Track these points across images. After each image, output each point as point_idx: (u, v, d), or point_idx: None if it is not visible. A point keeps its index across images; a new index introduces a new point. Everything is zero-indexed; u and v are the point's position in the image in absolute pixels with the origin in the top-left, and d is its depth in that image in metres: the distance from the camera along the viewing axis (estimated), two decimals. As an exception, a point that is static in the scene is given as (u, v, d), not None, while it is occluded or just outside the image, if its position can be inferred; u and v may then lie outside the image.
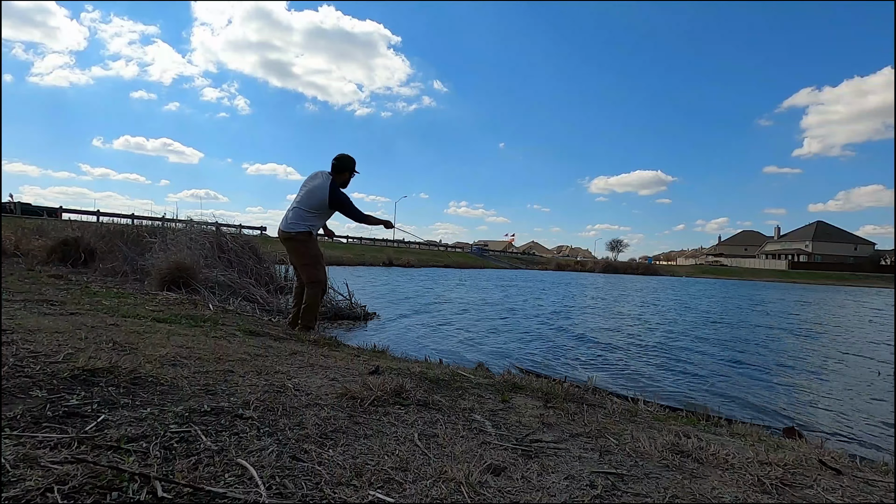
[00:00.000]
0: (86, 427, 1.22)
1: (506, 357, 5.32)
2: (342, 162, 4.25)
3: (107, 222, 10.59)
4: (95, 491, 0.93)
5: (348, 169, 4.28)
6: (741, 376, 5.06)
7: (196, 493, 0.99)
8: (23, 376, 1.51)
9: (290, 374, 2.17)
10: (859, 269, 62.85)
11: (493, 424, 1.84)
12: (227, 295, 5.94)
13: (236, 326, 3.55)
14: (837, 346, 7.69)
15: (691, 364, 5.57)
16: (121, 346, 2.13)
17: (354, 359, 2.93)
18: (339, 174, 4.24)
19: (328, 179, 4.14)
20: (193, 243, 6.83)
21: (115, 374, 1.66)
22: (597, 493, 1.30)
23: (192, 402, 1.55)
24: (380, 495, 1.11)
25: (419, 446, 1.48)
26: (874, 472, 1.78)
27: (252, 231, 23.20)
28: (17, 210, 23.46)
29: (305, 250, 4.19)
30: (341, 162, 4.24)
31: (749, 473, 1.56)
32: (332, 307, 6.84)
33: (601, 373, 4.86)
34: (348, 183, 4.34)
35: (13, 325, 2.22)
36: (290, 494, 1.06)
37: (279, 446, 1.31)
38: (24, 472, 0.95)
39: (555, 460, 1.53)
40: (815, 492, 1.48)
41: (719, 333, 8.43)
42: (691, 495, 1.35)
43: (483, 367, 3.96)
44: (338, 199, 4.14)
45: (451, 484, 1.22)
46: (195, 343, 2.54)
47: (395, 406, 1.88)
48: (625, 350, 6.27)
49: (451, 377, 2.63)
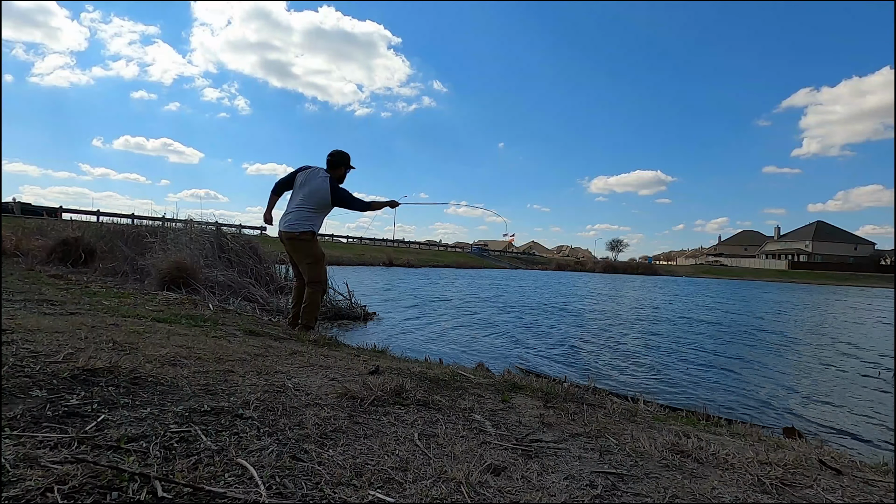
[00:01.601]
0: (86, 427, 1.22)
1: (506, 357, 5.33)
2: (337, 158, 4.26)
3: (107, 222, 10.60)
4: (95, 491, 0.93)
5: (344, 164, 4.30)
6: (741, 376, 5.06)
7: (196, 493, 0.99)
8: (23, 376, 1.51)
9: (290, 374, 2.17)
10: (859, 269, 62.82)
11: (493, 424, 1.84)
12: (227, 295, 5.94)
13: (236, 326, 3.55)
14: (837, 346, 7.69)
15: (691, 364, 5.57)
16: (121, 346, 2.13)
17: (354, 359, 2.93)
18: (335, 170, 4.25)
19: (327, 178, 4.15)
20: (193, 243, 6.83)
21: (115, 374, 1.66)
22: (597, 493, 1.30)
23: (192, 401, 1.55)
24: (380, 495, 1.11)
25: (419, 446, 1.48)
26: (874, 472, 1.78)
27: (252, 231, 23.09)
28: (17, 210, 23.46)
29: (309, 250, 4.20)
30: (336, 158, 4.26)
31: (749, 473, 1.56)
32: (332, 307, 6.85)
33: (601, 373, 4.86)
34: (344, 178, 4.35)
35: (13, 325, 2.22)
36: (290, 494, 1.06)
37: (279, 446, 1.31)
38: (24, 472, 0.95)
39: (555, 460, 1.53)
40: (815, 492, 1.48)
41: (719, 333, 8.43)
42: (691, 495, 1.35)
43: (483, 367, 3.97)
44: (340, 196, 4.17)
45: (451, 484, 1.22)
46: (195, 343, 2.54)
47: (395, 406, 1.88)
48: (625, 350, 6.27)
49: (451, 377, 2.63)
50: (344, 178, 4.35)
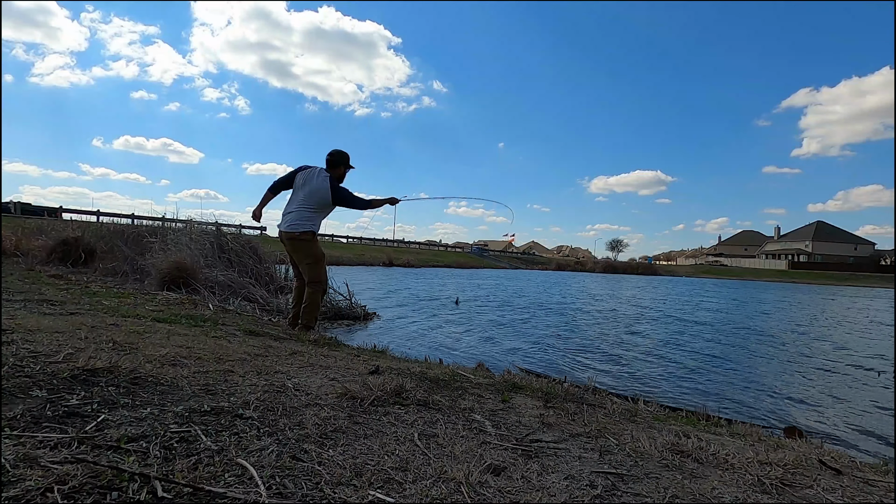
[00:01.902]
0: (86, 427, 1.22)
1: (506, 357, 5.32)
2: (336, 157, 4.27)
3: (107, 222, 10.60)
4: (95, 491, 0.93)
5: (343, 164, 4.30)
6: (741, 376, 5.05)
7: (196, 493, 0.99)
8: (23, 376, 1.51)
9: (290, 374, 2.17)
10: (859, 269, 62.82)
11: (493, 424, 1.84)
12: (227, 295, 5.94)
13: (236, 326, 3.55)
14: (837, 346, 7.69)
15: (691, 364, 5.57)
16: (121, 346, 2.13)
17: (354, 359, 2.93)
18: (334, 170, 4.26)
19: (327, 178, 4.15)
20: (193, 243, 6.83)
21: (115, 374, 1.66)
22: (597, 493, 1.30)
23: (192, 402, 1.55)
24: (380, 495, 1.11)
25: (419, 446, 1.48)
26: (874, 472, 1.78)
27: (252, 231, 23.10)
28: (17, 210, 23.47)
29: (309, 250, 4.20)
30: (336, 157, 4.26)
31: (749, 473, 1.56)
32: (332, 307, 6.84)
33: (601, 373, 4.86)
34: (344, 178, 4.36)
35: (13, 325, 2.22)
36: (290, 494, 1.06)
37: (279, 446, 1.31)
38: (24, 472, 0.95)
39: (555, 460, 1.53)
40: (815, 492, 1.48)
41: (719, 334, 8.43)
42: (691, 495, 1.35)
43: (483, 367, 3.97)
44: (340, 195, 4.17)
45: (451, 484, 1.22)
46: (195, 343, 2.54)
47: (395, 406, 1.88)
48: (625, 350, 6.27)
49: (451, 377, 2.63)
50: (344, 177, 4.35)
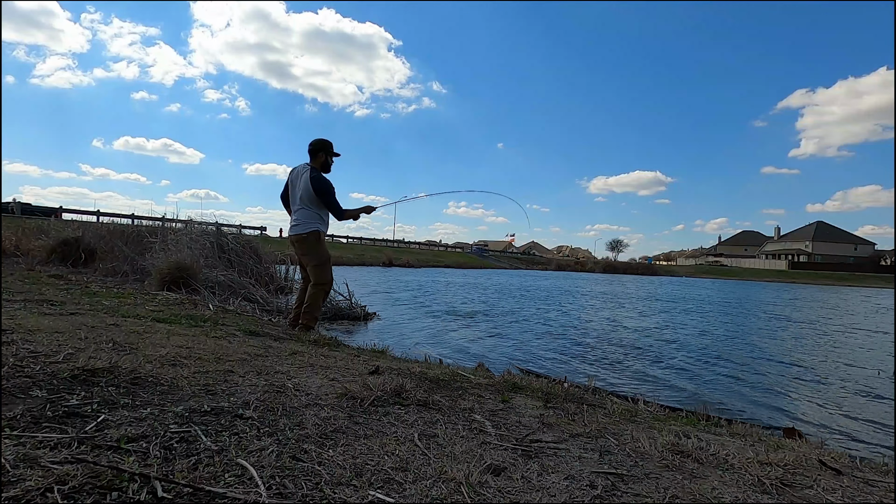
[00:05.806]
0: (86, 427, 1.22)
1: (506, 357, 5.32)
2: (315, 145, 4.26)
3: (107, 222, 10.62)
4: (95, 491, 0.93)
5: (323, 150, 4.27)
6: (741, 377, 5.05)
7: (196, 493, 0.99)
8: (23, 376, 1.51)
9: (290, 374, 2.17)
10: (859, 270, 62.83)
11: (493, 424, 1.84)
12: (227, 295, 5.94)
13: (236, 326, 3.55)
14: (837, 346, 7.69)
15: (691, 364, 5.57)
16: (121, 346, 2.13)
17: (354, 359, 2.93)
18: (315, 158, 4.25)
19: (308, 169, 4.16)
20: (194, 243, 6.84)
21: (115, 374, 1.66)
22: (597, 494, 1.30)
23: (192, 402, 1.55)
24: (380, 495, 1.11)
25: (419, 446, 1.48)
26: (874, 472, 1.78)
27: (252, 231, 23.20)
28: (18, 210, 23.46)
29: (315, 250, 4.21)
30: (314, 145, 4.26)
31: (749, 473, 1.56)
32: (332, 307, 6.85)
33: (601, 373, 4.86)
34: (329, 166, 4.33)
35: (13, 325, 2.22)
36: (290, 494, 1.06)
37: (279, 446, 1.31)
38: (24, 472, 0.95)
39: (555, 460, 1.53)
40: (815, 492, 1.48)
41: (719, 334, 8.43)
42: (691, 495, 1.35)
43: (483, 367, 3.96)
44: (321, 185, 4.12)
45: (451, 484, 1.22)
46: (195, 343, 2.54)
47: (395, 406, 1.88)
48: (625, 351, 6.27)
49: (451, 377, 2.63)
50: (328, 165, 4.32)
